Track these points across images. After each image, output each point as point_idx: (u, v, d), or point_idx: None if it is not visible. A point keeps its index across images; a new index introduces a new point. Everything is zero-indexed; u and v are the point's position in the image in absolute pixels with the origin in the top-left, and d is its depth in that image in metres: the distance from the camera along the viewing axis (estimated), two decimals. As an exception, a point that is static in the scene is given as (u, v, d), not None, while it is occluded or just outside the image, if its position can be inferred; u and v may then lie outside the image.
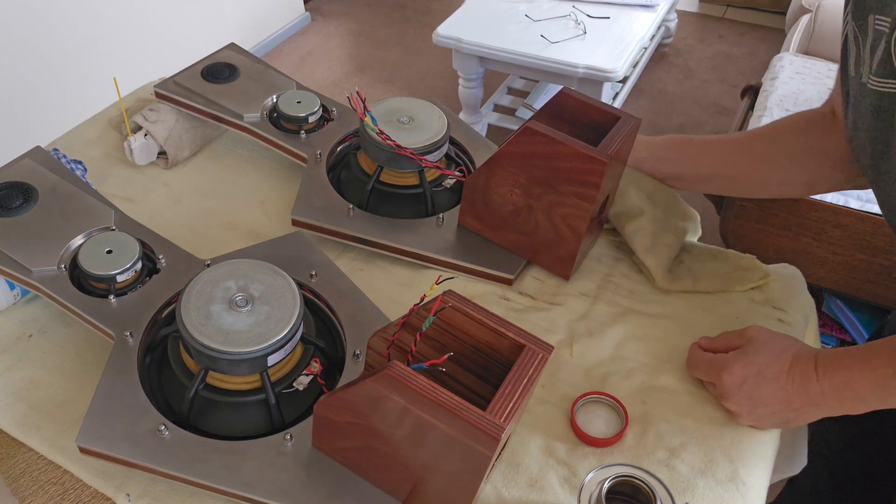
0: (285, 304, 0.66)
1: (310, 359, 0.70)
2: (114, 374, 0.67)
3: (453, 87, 2.54)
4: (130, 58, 2.29)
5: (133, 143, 0.97)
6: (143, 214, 0.92)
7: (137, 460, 0.62)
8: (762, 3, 3.27)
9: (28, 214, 0.79)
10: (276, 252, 0.79)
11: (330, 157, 0.94)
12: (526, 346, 0.56)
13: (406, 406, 0.52)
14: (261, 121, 0.97)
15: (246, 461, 0.62)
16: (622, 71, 2.01)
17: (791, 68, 1.91)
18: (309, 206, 0.86)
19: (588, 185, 0.73)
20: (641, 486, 0.59)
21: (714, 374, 0.70)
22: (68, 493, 0.66)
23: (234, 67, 1.03)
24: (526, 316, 0.81)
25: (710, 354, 0.71)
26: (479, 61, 2.21)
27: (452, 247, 0.85)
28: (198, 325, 0.63)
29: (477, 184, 0.82)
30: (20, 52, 1.93)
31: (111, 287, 0.74)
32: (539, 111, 0.79)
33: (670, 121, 2.61)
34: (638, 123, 0.77)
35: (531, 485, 0.66)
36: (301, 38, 3.14)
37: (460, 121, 0.99)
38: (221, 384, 0.67)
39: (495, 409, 0.51)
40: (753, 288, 0.84)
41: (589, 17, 2.24)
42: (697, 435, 0.70)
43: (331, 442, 0.62)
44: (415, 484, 0.59)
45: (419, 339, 0.59)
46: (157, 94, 1.00)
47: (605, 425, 0.70)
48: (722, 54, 3.01)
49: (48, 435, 0.68)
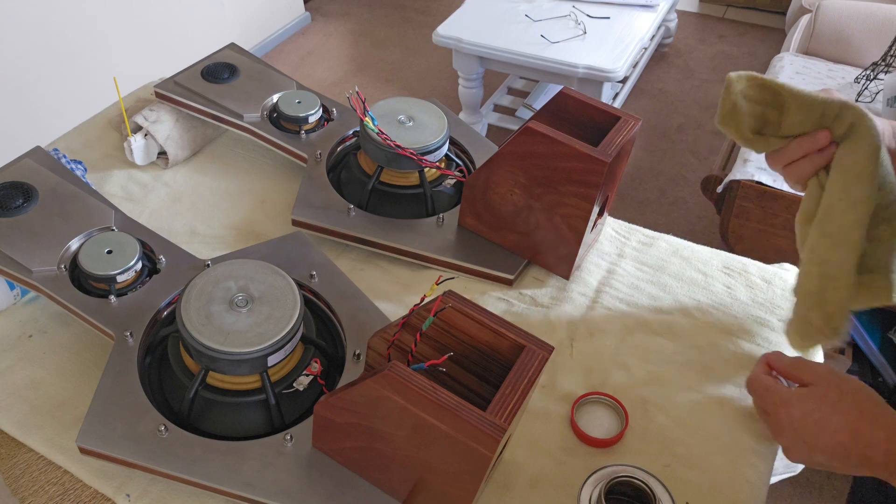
0: (285, 304, 0.66)
1: (310, 359, 0.70)
2: (114, 374, 0.67)
3: (453, 87, 2.54)
4: (130, 58, 2.29)
5: (133, 143, 0.97)
6: (143, 214, 0.92)
7: (137, 460, 0.62)
8: (762, 3, 3.27)
9: (28, 214, 0.79)
10: (276, 252, 0.79)
11: (330, 157, 0.94)
12: (526, 346, 0.56)
13: (406, 406, 0.52)
14: (261, 121, 0.97)
15: (246, 461, 0.62)
16: (622, 71, 2.01)
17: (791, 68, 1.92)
18: (309, 206, 0.86)
19: (588, 185, 0.73)
20: (641, 486, 0.59)
21: (771, 405, 0.66)
22: (68, 494, 0.66)
23: (234, 67, 1.03)
24: (526, 316, 0.81)
25: (772, 381, 0.67)
26: (479, 61, 2.21)
27: (452, 247, 0.85)
28: (198, 325, 0.63)
29: (477, 184, 0.82)
30: (20, 53, 1.93)
31: (111, 287, 0.74)
32: (539, 111, 0.79)
33: (670, 121, 2.61)
34: (638, 123, 0.77)
35: (531, 485, 0.66)
36: (301, 38, 3.14)
37: (460, 121, 0.99)
38: (221, 384, 0.67)
39: (495, 410, 0.51)
40: (751, 287, 0.84)
41: (589, 17, 2.24)
42: (697, 435, 0.70)
43: (331, 442, 0.62)
44: (415, 484, 0.59)
45: (419, 340, 0.59)
46: (157, 94, 1.00)
47: (605, 425, 0.70)
48: (722, 54, 3.01)
49: (48, 435, 0.68)
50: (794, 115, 0.64)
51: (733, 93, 0.65)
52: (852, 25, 2.01)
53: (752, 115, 0.65)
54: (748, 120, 0.66)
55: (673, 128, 2.57)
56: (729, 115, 0.66)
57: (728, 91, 0.65)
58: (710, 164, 2.39)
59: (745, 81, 0.65)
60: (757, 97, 0.65)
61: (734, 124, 0.66)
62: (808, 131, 0.64)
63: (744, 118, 0.65)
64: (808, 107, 0.63)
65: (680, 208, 2.23)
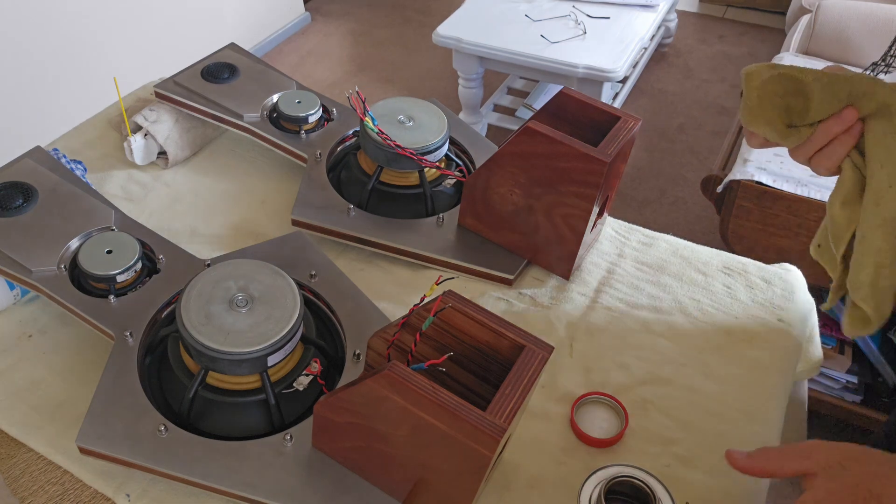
0: (285, 304, 0.66)
1: (310, 359, 0.70)
2: (114, 374, 0.67)
3: (453, 87, 2.54)
4: (130, 58, 2.29)
5: (133, 143, 0.97)
6: (143, 214, 0.92)
7: (137, 460, 0.62)
8: (762, 3, 3.26)
9: (28, 214, 0.79)
10: (276, 252, 0.79)
11: (330, 157, 0.94)
12: (526, 346, 0.56)
13: (406, 406, 0.52)
14: (261, 121, 0.97)
15: (246, 461, 0.62)
16: (622, 71, 2.01)
17: (791, 68, 1.91)
18: (309, 206, 0.86)
19: (588, 185, 0.73)
20: (641, 486, 0.59)
21: None
22: (68, 494, 0.66)
23: (234, 67, 1.03)
24: (526, 316, 0.81)
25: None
26: (479, 61, 2.21)
27: (452, 247, 0.85)
28: (198, 325, 0.63)
29: (477, 184, 0.82)
30: (20, 52, 1.93)
31: (111, 287, 0.74)
32: (539, 111, 0.79)
33: (670, 121, 2.60)
34: (638, 123, 0.77)
35: (531, 485, 0.66)
36: (301, 38, 3.14)
37: (460, 121, 0.99)
38: (221, 384, 0.67)
39: (495, 410, 0.51)
40: (751, 287, 0.84)
41: (589, 17, 2.24)
42: (697, 435, 0.70)
43: (331, 442, 0.62)
44: (415, 484, 0.59)
45: (419, 340, 0.59)
46: (157, 94, 1.00)
47: (605, 425, 0.70)
48: (722, 54, 3.01)
49: (48, 435, 0.68)
50: (819, 98, 0.60)
51: (753, 88, 0.61)
52: (852, 25, 2.01)
53: (777, 107, 0.61)
54: (775, 113, 0.61)
55: (673, 128, 2.57)
56: (755, 112, 0.62)
57: (748, 87, 0.61)
58: (710, 164, 2.39)
59: (763, 74, 0.61)
60: (778, 88, 0.60)
61: (764, 121, 0.62)
62: (836, 112, 0.60)
63: (772, 113, 0.61)
64: (833, 87, 0.59)
65: (680, 208, 2.23)
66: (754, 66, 0.62)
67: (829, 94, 0.59)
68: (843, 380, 1.53)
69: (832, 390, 1.54)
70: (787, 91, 0.61)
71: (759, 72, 0.61)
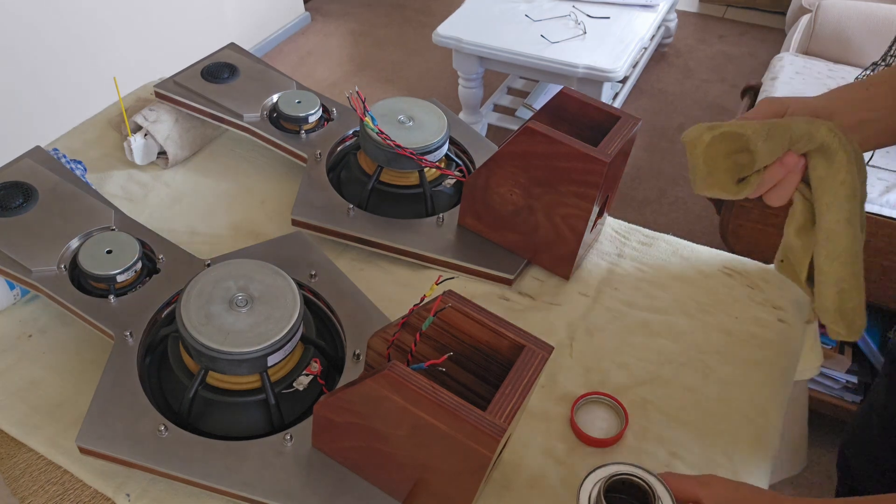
0: (285, 304, 0.66)
1: (310, 359, 0.70)
2: (114, 374, 0.67)
3: (453, 87, 2.54)
4: (130, 58, 2.29)
5: (133, 143, 0.97)
6: (143, 214, 0.92)
7: (137, 460, 0.62)
8: (762, 3, 3.26)
9: (28, 214, 0.79)
10: (276, 252, 0.79)
11: (330, 157, 0.94)
12: (526, 346, 0.56)
13: (406, 406, 0.52)
14: (261, 121, 0.97)
15: (246, 461, 0.62)
16: (622, 71, 2.01)
17: (791, 68, 1.91)
18: (309, 206, 0.86)
19: (588, 185, 0.73)
20: (641, 485, 0.59)
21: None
22: (68, 493, 0.66)
23: (234, 67, 1.03)
24: (526, 316, 0.81)
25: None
26: (479, 61, 2.21)
27: (452, 247, 0.85)
28: (198, 325, 0.63)
29: (477, 184, 0.82)
30: (20, 52, 1.93)
31: (111, 287, 0.74)
32: (539, 111, 0.79)
33: (670, 121, 2.60)
34: (637, 123, 0.77)
35: (531, 485, 0.66)
36: (301, 38, 3.14)
37: (460, 121, 0.99)
38: (221, 384, 0.67)
39: (495, 410, 0.51)
40: (751, 287, 0.84)
41: (589, 17, 2.24)
42: (697, 435, 0.70)
43: (331, 442, 0.62)
44: (415, 484, 0.59)
45: (419, 340, 0.59)
46: (157, 94, 1.00)
47: (605, 425, 0.70)
48: (722, 54, 3.01)
49: (48, 435, 0.68)
50: (763, 149, 0.62)
51: (698, 155, 0.62)
52: (852, 25, 2.00)
53: (726, 169, 0.63)
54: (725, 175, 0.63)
55: (673, 128, 2.57)
56: (706, 180, 0.64)
57: (692, 155, 0.63)
58: (710, 164, 2.39)
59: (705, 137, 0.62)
60: (722, 148, 0.62)
61: (716, 185, 0.64)
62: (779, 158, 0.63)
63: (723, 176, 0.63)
64: (775, 135, 0.61)
65: (680, 208, 2.23)
66: (693, 131, 0.63)
67: (771, 143, 0.62)
68: (843, 380, 1.53)
69: (832, 390, 1.54)
70: (730, 149, 0.62)
71: (700, 136, 0.62)
